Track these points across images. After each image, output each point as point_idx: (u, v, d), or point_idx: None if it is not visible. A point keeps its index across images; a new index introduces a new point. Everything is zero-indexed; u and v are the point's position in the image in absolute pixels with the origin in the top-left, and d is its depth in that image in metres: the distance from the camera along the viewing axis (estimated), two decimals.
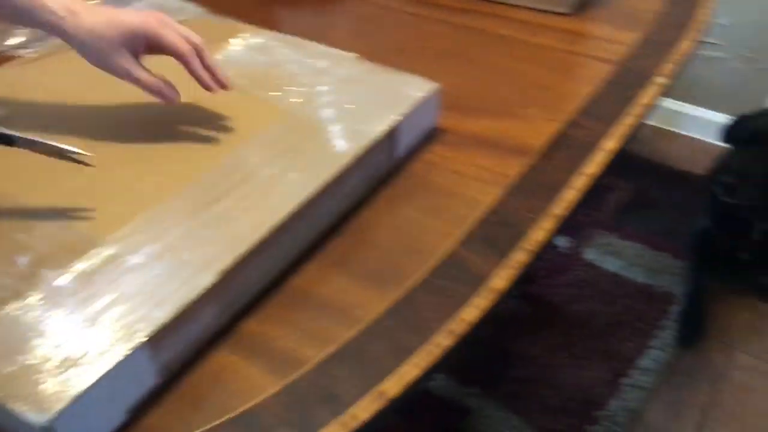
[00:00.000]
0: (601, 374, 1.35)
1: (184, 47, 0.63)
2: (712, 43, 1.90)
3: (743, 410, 1.33)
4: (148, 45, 0.63)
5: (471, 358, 1.36)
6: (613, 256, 1.63)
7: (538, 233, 0.63)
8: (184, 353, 0.51)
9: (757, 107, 1.64)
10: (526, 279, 1.51)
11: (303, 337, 0.54)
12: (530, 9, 0.99)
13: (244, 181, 0.59)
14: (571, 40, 0.93)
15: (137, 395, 0.48)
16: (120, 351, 0.45)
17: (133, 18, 0.61)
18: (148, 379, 0.48)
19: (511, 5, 1.00)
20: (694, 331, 1.46)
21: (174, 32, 0.63)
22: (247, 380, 0.51)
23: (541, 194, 0.67)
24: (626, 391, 1.33)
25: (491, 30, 0.96)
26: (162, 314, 0.47)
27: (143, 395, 0.48)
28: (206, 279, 0.50)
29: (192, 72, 0.64)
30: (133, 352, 0.45)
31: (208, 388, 0.50)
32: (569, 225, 1.70)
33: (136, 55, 0.62)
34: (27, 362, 0.44)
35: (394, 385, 0.50)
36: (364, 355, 0.52)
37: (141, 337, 0.46)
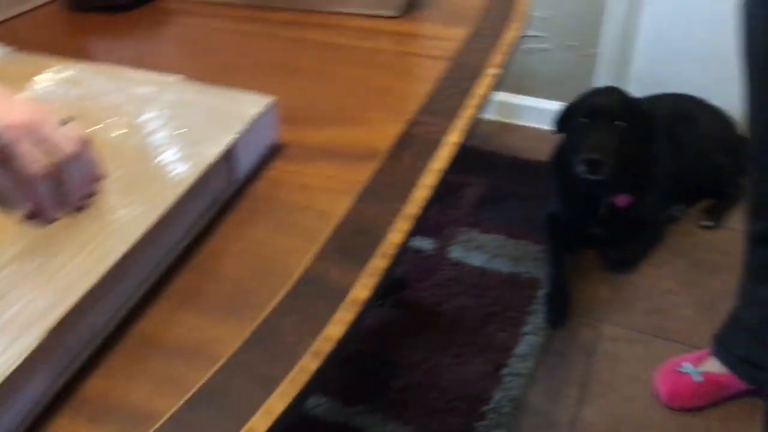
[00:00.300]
0: (481, 368, 1.37)
1: (32, 169, 0.49)
2: (537, 36, 2.00)
3: (616, 379, 1.39)
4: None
5: (351, 375, 1.34)
6: (477, 250, 1.67)
7: (395, 236, 0.61)
8: (17, 429, 0.44)
9: (584, 90, 1.74)
10: (397, 286, 1.51)
11: (155, 388, 0.48)
12: (359, 15, 0.98)
13: (67, 225, 0.53)
14: (404, 42, 0.93)
15: None
16: None
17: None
18: None
19: (340, 13, 0.99)
20: (561, 311, 1.52)
21: (33, 149, 0.49)
22: None
23: (393, 196, 0.66)
24: (507, 381, 1.35)
25: (324, 39, 0.94)
26: None
27: None
28: (31, 340, 0.44)
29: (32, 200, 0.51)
30: None
31: None
32: (431, 227, 1.73)
33: None
34: None
35: (262, 421, 0.46)
36: (226, 395, 0.48)
37: None
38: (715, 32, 1.80)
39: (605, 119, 1.48)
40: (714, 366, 1.31)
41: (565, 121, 1.58)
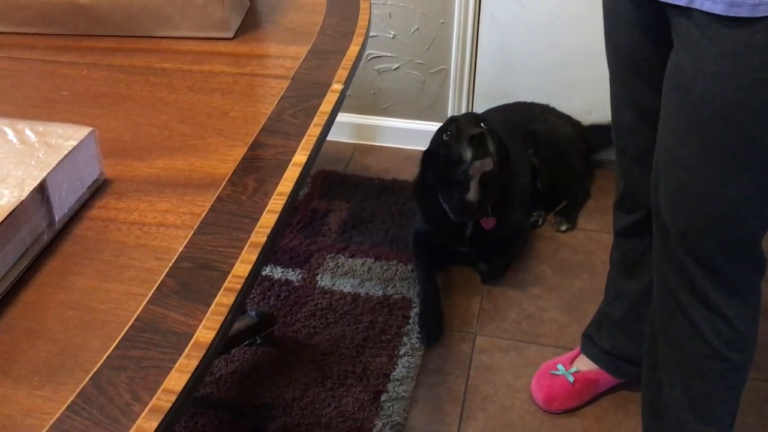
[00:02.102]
0: (360, 397, 1.32)
1: None
2: (387, 56, 2.00)
3: (494, 389, 1.39)
4: None
5: (224, 424, 1.25)
6: (346, 276, 1.62)
7: (241, 268, 0.55)
8: None
9: (437, 107, 1.75)
10: (266, 322, 1.44)
11: None
12: (192, 38, 0.92)
13: None
14: (241, 63, 0.88)
15: None
16: None
17: None
18: None
19: (170, 38, 0.92)
20: (434, 328, 1.50)
21: None
22: None
23: (237, 225, 0.60)
24: (387, 407, 1.31)
25: (153, 65, 0.87)
26: None
27: None
28: None
29: None
30: None
31: None
32: (296, 256, 1.67)
33: None
34: None
35: None
36: None
37: None
38: (548, 41, 1.88)
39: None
40: (585, 364, 1.34)
41: (435, 146, 1.54)
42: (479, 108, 1.99)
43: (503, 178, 1.54)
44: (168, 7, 0.90)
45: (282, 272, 1.63)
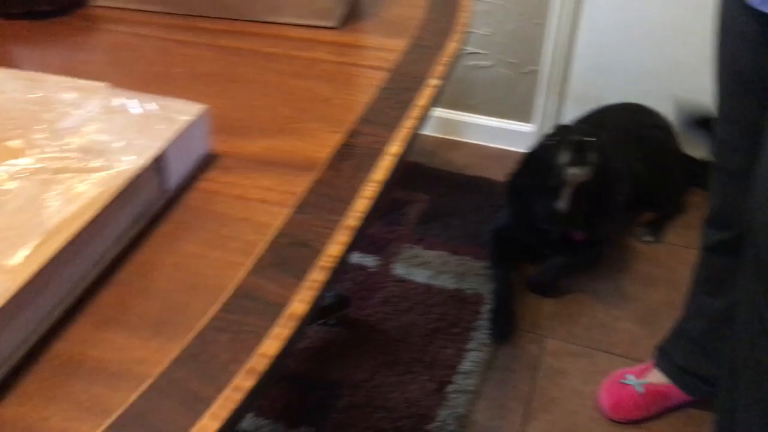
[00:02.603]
0: (426, 386, 1.35)
1: None
2: (478, 53, 2.01)
3: (560, 393, 1.39)
4: None
5: (293, 396, 1.30)
6: (420, 267, 1.65)
7: (334, 248, 0.59)
8: None
9: (525, 107, 1.75)
10: (340, 304, 1.49)
11: (75, 412, 0.45)
12: (297, 25, 0.96)
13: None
14: (343, 52, 0.91)
15: None
16: None
17: None
18: None
19: (277, 23, 0.97)
20: (505, 326, 1.51)
21: None
22: None
23: (332, 208, 0.63)
24: (453, 398, 1.33)
25: (261, 49, 0.91)
26: None
27: None
28: None
29: None
30: None
31: None
32: (374, 243, 1.71)
33: None
34: None
35: None
36: (153, 418, 0.44)
37: None
38: (649, 49, 1.84)
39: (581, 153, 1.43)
40: (656, 377, 1.33)
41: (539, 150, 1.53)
42: (568, 112, 1.98)
43: (600, 193, 1.50)
44: None
45: (359, 257, 1.67)
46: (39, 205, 0.52)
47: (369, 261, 1.65)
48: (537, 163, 1.50)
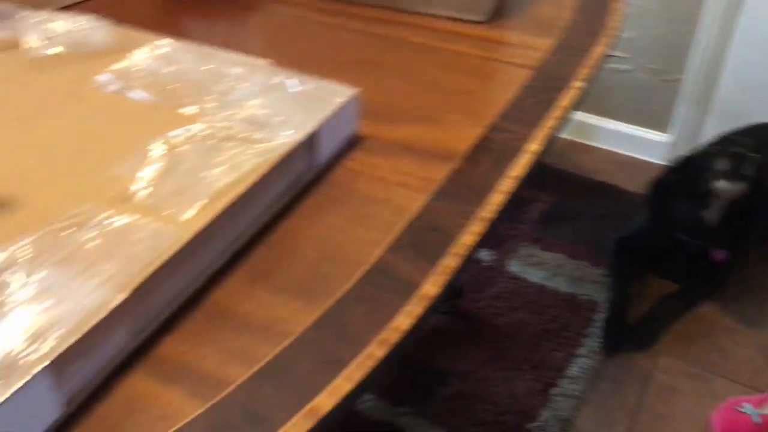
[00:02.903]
0: (531, 385, 1.35)
1: None
2: (620, 57, 1.96)
3: (669, 411, 1.35)
4: None
5: (400, 376, 1.34)
6: (536, 267, 1.65)
7: (467, 237, 0.61)
8: (93, 380, 0.46)
9: (663, 117, 1.69)
10: (453, 294, 1.51)
11: (226, 357, 0.50)
12: (445, 18, 0.99)
13: (155, 190, 0.55)
14: (488, 47, 0.93)
15: (40, 430, 0.43)
16: (16, 379, 0.40)
17: None
18: (50, 411, 0.43)
19: (426, 14, 1.00)
20: (618, 338, 1.48)
21: None
22: (166, 406, 0.46)
23: (468, 198, 0.66)
24: (557, 401, 1.33)
25: (408, 38, 0.95)
26: (66, 337, 0.43)
27: (47, 430, 0.43)
28: (116, 296, 0.46)
29: None
30: (32, 379, 0.40)
31: (122, 417, 0.45)
32: (492, 238, 1.72)
33: None
34: None
35: (326, 400, 0.47)
36: (293, 372, 0.49)
37: (42, 363, 0.41)
38: None
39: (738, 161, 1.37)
40: None
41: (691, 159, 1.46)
42: (709, 126, 1.90)
43: (752, 212, 1.43)
44: None
45: None
46: (208, 168, 0.58)
47: (484, 255, 1.66)
48: (691, 169, 1.43)
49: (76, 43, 0.76)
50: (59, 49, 0.75)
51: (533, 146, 0.73)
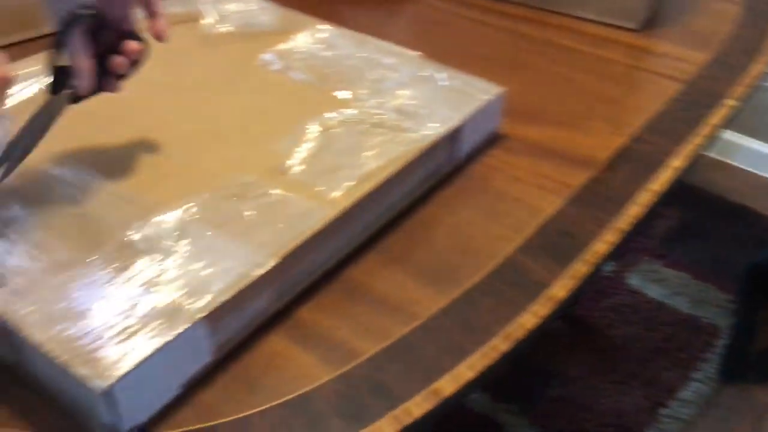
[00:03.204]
0: (639, 401, 1.32)
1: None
2: None
3: None
4: None
5: (507, 373, 1.34)
6: (657, 283, 1.60)
7: (600, 246, 0.62)
8: (239, 334, 0.51)
9: None
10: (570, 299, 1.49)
11: (358, 330, 0.53)
12: (597, 22, 0.98)
13: (309, 168, 0.59)
14: (639, 56, 0.91)
15: (191, 371, 0.48)
16: (180, 324, 0.45)
17: None
18: (203, 355, 0.48)
19: (578, 18, 0.99)
20: (738, 367, 1.42)
21: None
22: (300, 367, 0.50)
23: (605, 207, 0.66)
24: (664, 422, 1.29)
25: (557, 41, 0.94)
26: (223, 292, 0.47)
27: (197, 372, 0.48)
28: (268, 261, 0.50)
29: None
30: (192, 326, 0.45)
31: (261, 371, 0.50)
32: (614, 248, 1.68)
33: None
34: (89, 327, 0.44)
35: (448, 384, 0.49)
36: (419, 353, 0.51)
37: (201, 312, 0.46)
38: None
39: None
40: None
41: None
42: None
43: None
44: None
45: None
46: (357, 151, 0.61)
47: (604, 264, 1.63)
48: None
49: (245, 22, 0.82)
50: (230, 27, 0.81)
51: (676, 162, 0.71)
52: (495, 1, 1.05)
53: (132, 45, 0.55)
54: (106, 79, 0.56)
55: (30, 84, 0.68)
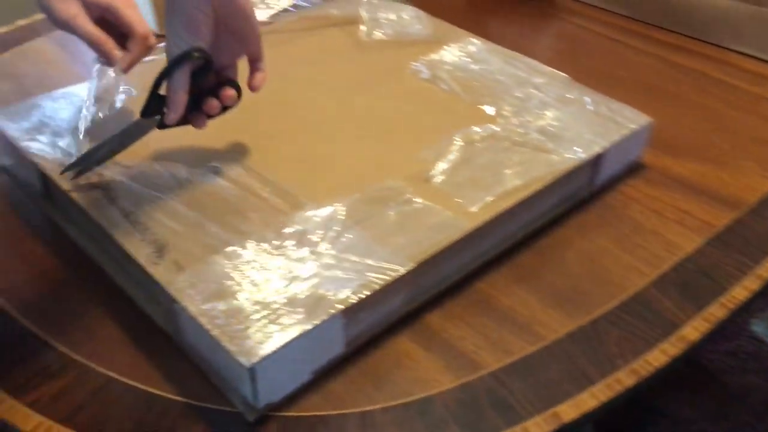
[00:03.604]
0: None
1: (141, 28, 0.63)
2: None
3: None
4: (100, 16, 0.63)
5: (617, 413, 1.31)
6: None
7: (740, 291, 0.60)
8: (370, 330, 0.53)
9: None
10: None
11: (483, 342, 0.54)
12: (756, 58, 0.94)
13: (450, 179, 0.61)
14: None
15: (324, 360, 0.50)
16: (321, 314, 0.47)
17: None
18: (336, 347, 0.50)
19: (733, 50, 0.95)
20: None
21: (136, 13, 0.63)
22: (425, 370, 0.52)
23: (748, 252, 0.64)
24: None
25: (707, 72, 0.92)
26: (361, 289, 0.49)
27: (329, 361, 0.51)
28: (405, 265, 0.52)
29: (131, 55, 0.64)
30: (331, 318, 0.48)
31: (387, 369, 0.52)
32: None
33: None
34: (240, 307, 0.47)
35: (570, 410, 0.49)
36: (542, 374, 0.52)
37: (340, 306, 0.48)
38: None
39: None
40: None
41: None
42: None
43: None
44: (748, 21, 0.93)
45: None
46: (498, 167, 0.62)
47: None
48: None
49: (399, 30, 0.85)
50: (384, 33, 0.84)
51: None
52: (643, 24, 1.03)
53: (229, 92, 0.59)
54: (195, 115, 0.60)
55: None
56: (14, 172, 0.69)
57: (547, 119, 0.69)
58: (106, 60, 0.63)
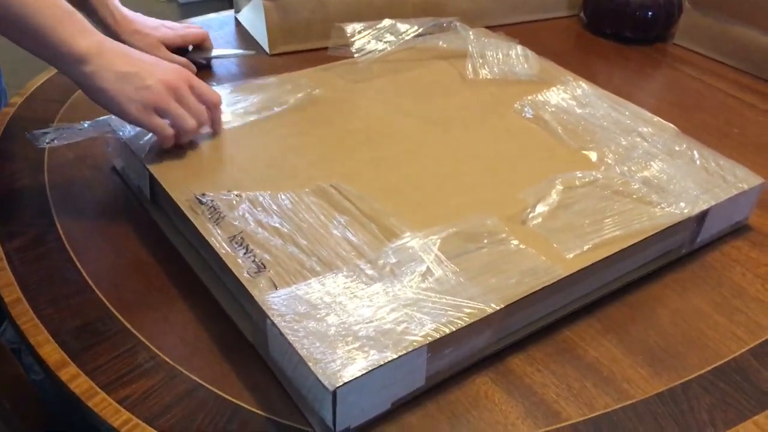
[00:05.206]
0: None
1: (166, 132, 0.65)
2: None
3: None
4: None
5: None
6: None
7: None
8: (452, 368, 0.53)
9: None
10: None
11: (565, 392, 0.53)
12: None
13: (547, 223, 0.60)
14: None
15: (404, 391, 0.50)
16: (405, 346, 0.48)
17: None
18: (418, 380, 0.50)
19: None
20: None
21: (176, 109, 0.65)
22: (503, 414, 0.51)
23: None
24: None
25: None
26: (447, 324, 0.49)
27: (409, 393, 0.51)
28: (494, 305, 0.52)
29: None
30: (416, 350, 0.48)
31: (465, 408, 0.51)
32: None
33: None
34: (330, 331, 0.48)
35: None
36: None
37: (426, 339, 0.48)
38: None
39: None
40: None
41: None
42: None
43: None
44: None
45: None
46: (598, 215, 0.61)
47: None
48: None
49: (505, 68, 0.85)
50: (491, 70, 0.84)
51: None
52: (762, 82, 0.99)
53: None
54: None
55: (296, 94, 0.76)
56: (126, 174, 0.73)
57: (651, 170, 0.68)
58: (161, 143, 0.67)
